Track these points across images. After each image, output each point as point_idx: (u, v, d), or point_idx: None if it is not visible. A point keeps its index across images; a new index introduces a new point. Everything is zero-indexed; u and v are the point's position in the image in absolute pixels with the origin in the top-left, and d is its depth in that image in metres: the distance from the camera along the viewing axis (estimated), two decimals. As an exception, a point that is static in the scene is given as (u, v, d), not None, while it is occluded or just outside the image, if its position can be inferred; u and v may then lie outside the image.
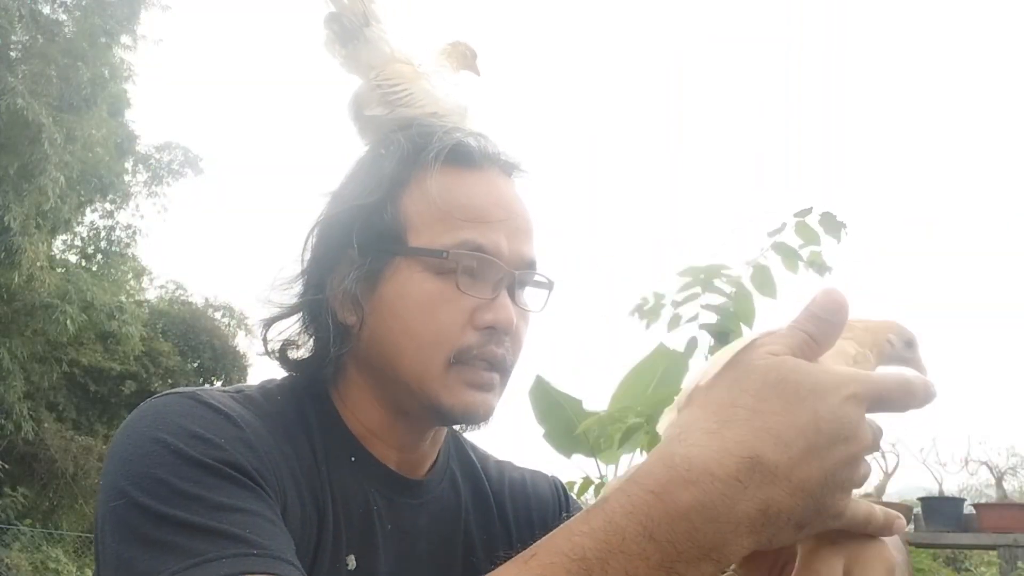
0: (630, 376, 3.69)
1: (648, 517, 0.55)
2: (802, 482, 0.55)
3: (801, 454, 0.55)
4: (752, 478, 0.55)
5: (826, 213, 2.12)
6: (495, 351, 0.86)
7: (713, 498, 0.54)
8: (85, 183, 12.30)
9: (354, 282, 0.87)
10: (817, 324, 0.61)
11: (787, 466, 0.55)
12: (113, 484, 0.72)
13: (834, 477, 0.56)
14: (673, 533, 0.54)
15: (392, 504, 0.89)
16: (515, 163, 0.95)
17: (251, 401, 0.84)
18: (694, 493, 0.55)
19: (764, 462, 0.55)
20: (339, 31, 0.97)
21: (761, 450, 0.55)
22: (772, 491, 0.55)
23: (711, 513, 0.54)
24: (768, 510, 0.55)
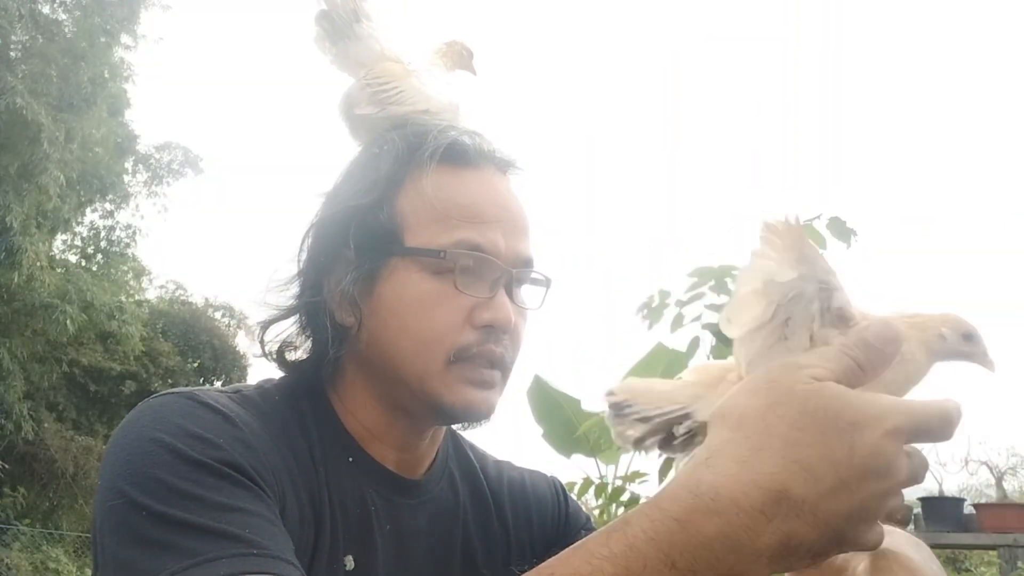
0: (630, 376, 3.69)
1: (670, 544, 0.54)
2: (828, 516, 0.54)
3: (830, 489, 0.54)
4: (778, 511, 0.54)
5: (834, 218, 2.12)
6: (494, 349, 0.86)
7: (737, 530, 0.54)
8: (85, 183, 12.31)
9: (351, 283, 0.87)
10: (867, 352, 0.59)
11: (814, 501, 0.54)
12: (111, 484, 0.72)
13: (861, 511, 0.55)
14: (695, 562, 0.54)
15: (390, 504, 0.89)
16: (510, 161, 0.94)
17: (249, 401, 0.84)
18: (718, 524, 0.54)
19: (791, 496, 0.54)
20: (329, 28, 0.97)
21: (790, 484, 0.54)
22: (796, 524, 0.54)
23: (734, 544, 0.54)
24: (790, 542, 0.54)
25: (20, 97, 9.83)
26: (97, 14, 11.43)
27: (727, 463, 0.56)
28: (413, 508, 0.91)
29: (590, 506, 2.66)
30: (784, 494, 0.54)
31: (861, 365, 0.59)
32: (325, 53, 0.99)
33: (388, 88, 0.94)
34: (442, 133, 0.91)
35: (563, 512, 1.04)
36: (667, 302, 2.29)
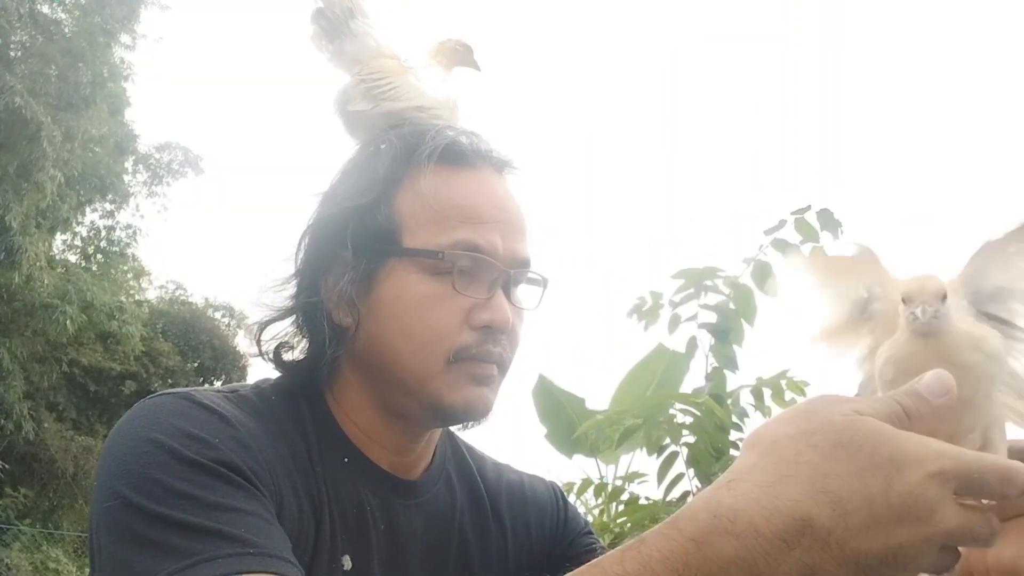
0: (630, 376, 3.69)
1: (685, 565, 0.52)
2: (858, 555, 0.51)
3: (861, 525, 0.51)
4: (800, 542, 0.51)
5: (823, 210, 2.12)
6: (492, 350, 0.86)
7: (755, 555, 0.51)
8: (85, 183, 12.31)
9: (349, 284, 0.87)
10: (917, 402, 0.56)
11: (842, 535, 0.51)
12: (108, 485, 0.72)
13: (899, 555, 0.51)
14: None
15: (386, 505, 0.89)
16: (507, 160, 0.94)
17: (245, 401, 0.84)
18: (735, 547, 0.52)
19: (815, 527, 0.51)
20: (325, 26, 0.97)
21: (815, 514, 0.51)
22: (820, 557, 0.51)
23: (751, 570, 0.52)
24: (814, 573, 0.51)
25: (19, 96, 9.83)
26: (97, 13, 11.43)
27: (750, 487, 0.53)
28: (409, 509, 0.91)
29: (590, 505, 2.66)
30: (808, 523, 0.51)
31: (908, 413, 0.55)
32: (322, 51, 0.99)
33: (382, 84, 0.94)
34: (440, 133, 0.90)
35: (561, 517, 1.04)
36: (660, 303, 2.29)
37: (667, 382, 3.56)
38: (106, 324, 12.33)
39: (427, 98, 0.96)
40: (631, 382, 3.67)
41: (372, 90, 0.94)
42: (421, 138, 0.90)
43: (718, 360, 2.25)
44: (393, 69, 0.96)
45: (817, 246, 2.12)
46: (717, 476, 1.91)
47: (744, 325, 2.21)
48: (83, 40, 11.23)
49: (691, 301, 2.22)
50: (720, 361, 2.24)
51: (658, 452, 2.14)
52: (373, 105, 0.94)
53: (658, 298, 2.29)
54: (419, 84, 0.96)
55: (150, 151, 14.75)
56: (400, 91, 0.94)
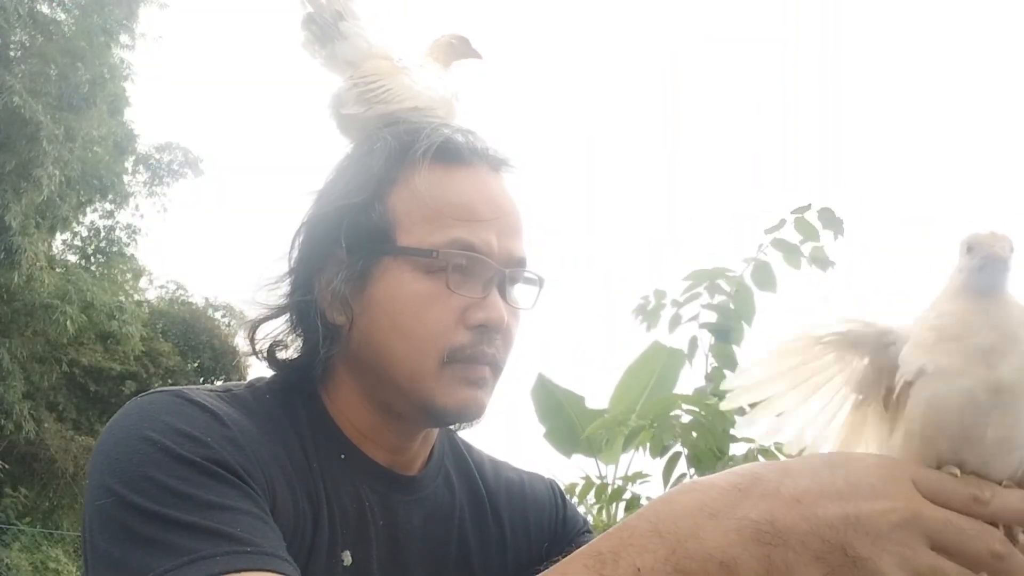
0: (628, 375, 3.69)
1: (655, 514, 0.60)
2: (815, 511, 0.57)
3: (811, 488, 0.58)
4: (753, 489, 0.58)
5: (824, 208, 2.12)
6: (486, 350, 0.86)
7: (714, 499, 0.59)
8: (85, 183, 12.31)
9: (343, 282, 0.86)
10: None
11: (792, 489, 0.58)
12: (101, 483, 0.72)
13: (861, 523, 0.57)
14: (677, 528, 0.58)
15: (385, 501, 0.88)
16: (504, 159, 0.93)
17: (239, 400, 0.83)
18: (696, 496, 0.60)
19: (764, 480, 0.59)
20: (316, 32, 0.96)
21: (763, 471, 0.60)
22: (775, 505, 0.58)
23: (711, 510, 0.58)
24: (775, 523, 0.57)
25: (18, 96, 9.84)
26: (96, 13, 11.43)
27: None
28: (408, 505, 0.90)
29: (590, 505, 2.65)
30: (757, 477, 0.60)
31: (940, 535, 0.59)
32: (315, 56, 0.98)
33: (375, 87, 0.93)
34: (435, 131, 0.90)
35: (560, 515, 1.04)
36: (663, 302, 2.28)
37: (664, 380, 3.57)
38: (106, 324, 12.34)
39: (422, 98, 0.95)
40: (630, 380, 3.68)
41: (364, 93, 0.93)
42: (416, 136, 0.89)
43: (718, 360, 2.25)
44: (386, 70, 0.95)
45: (817, 245, 2.12)
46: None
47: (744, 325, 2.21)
48: (83, 40, 11.23)
49: (694, 301, 2.22)
50: (720, 361, 2.24)
51: (662, 453, 2.13)
52: (366, 108, 0.93)
53: (661, 297, 2.29)
54: (413, 85, 0.95)
55: (150, 151, 14.76)
56: (393, 93, 0.93)
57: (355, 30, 0.96)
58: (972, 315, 0.58)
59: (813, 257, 2.12)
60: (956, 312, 0.59)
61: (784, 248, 2.15)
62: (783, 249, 2.15)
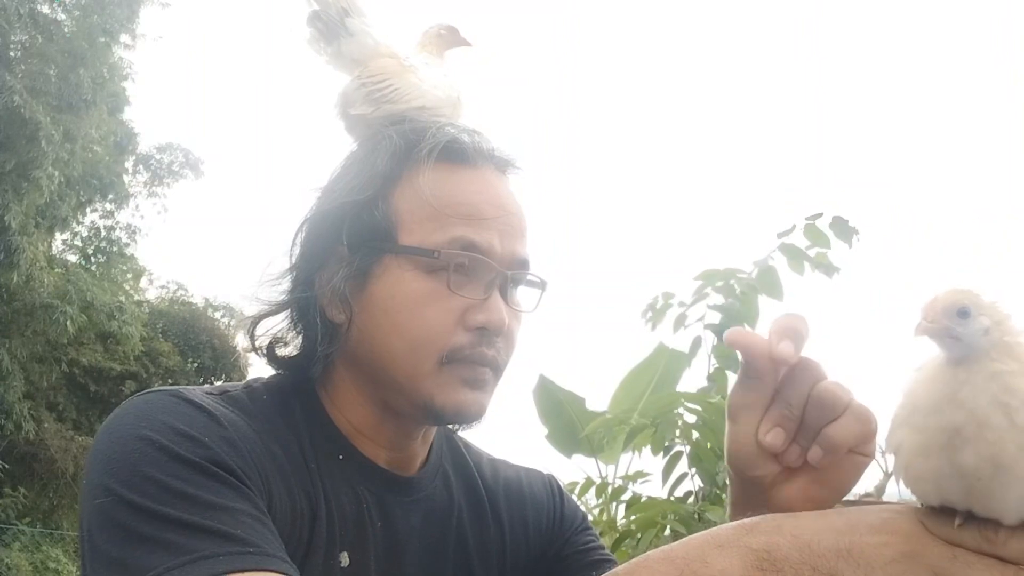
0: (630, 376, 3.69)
1: (668, 547, 0.62)
2: (810, 542, 0.60)
3: (811, 524, 0.61)
4: (757, 526, 0.62)
5: (837, 217, 2.11)
6: (486, 352, 0.85)
7: (721, 533, 0.62)
8: (85, 183, 12.30)
9: (344, 280, 0.86)
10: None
11: (793, 527, 0.61)
12: (98, 482, 0.71)
13: (852, 554, 0.59)
14: (687, 554, 0.61)
15: (383, 502, 0.88)
16: (509, 160, 0.93)
17: (236, 401, 0.83)
18: (705, 531, 0.63)
19: (768, 519, 0.62)
20: (322, 28, 0.96)
21: (765, 516, 0.63)
22: (776, 540, 0.60)
23: (718, 542, 0.61)
24: (772, 552, 0.60)
25: (18, 96, 9.83)
26: (96, 13, 11.42)
27: None
28: (406, 506, 0.90)
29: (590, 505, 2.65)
30: (762, 518, 0.63)
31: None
32: (320, 54, 0.97)
33: (383, 86, 0.93)
34: (440, 131, 0.89)
35: (558, 512, 1.03)
36: (671, 303, 2.29)
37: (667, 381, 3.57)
38: (106, 324, 12.32)
39: (428, 98, 0.95)
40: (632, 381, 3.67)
41: (372, 93, 0.93)
42: (421, 135, 0.89)
43: (720, 361, 2.25)
44: (393, 69, 0.95)
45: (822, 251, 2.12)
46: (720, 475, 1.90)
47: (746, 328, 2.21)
48: (83, 40, 11.22)
49: (702, 302, 2.22)
50: (722, 362, 2.24)
51: (663, 452, 2.13)
52: (374, 108, 0.93)
53: (669, 298, 2.29)
54: (420, 84, 0.95)
55: (151, 152, 14.75)
56: (401, 92, 0.93)
57: (361, 27, 0.96)
58: (939, 391, 0.56)
59: (818, 263, 2.13)
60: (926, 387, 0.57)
61: (790, 253, 2.16)
62: (788, 254, 2.16)
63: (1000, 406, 0.53)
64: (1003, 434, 0.53)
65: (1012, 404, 0.53)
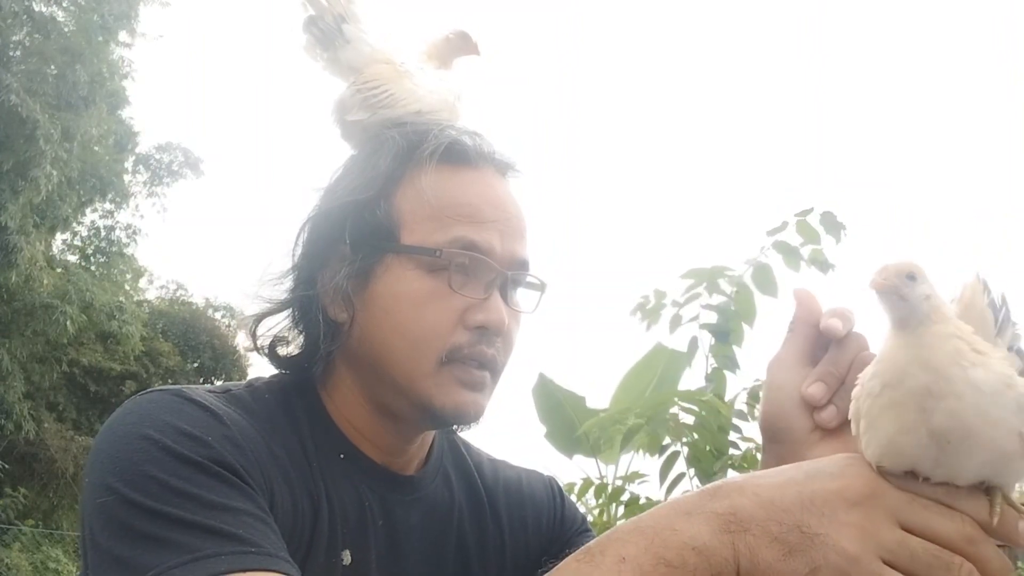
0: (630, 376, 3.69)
1: (638, 518, 0.66)
2: (772, 498, 0.62)
3: (773, 481, 0.63)
4: (719, 491, 0.64)
5: (826, 213, 2.12)
6: (485, 351, 0.86)
7: (687, 501, 0.65)
8: (84, 183, 12.29)
9: (345, 279, 0.86)
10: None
11: (754, 486, 0.63)
12: (101, 480, 0.72)
13: (815, 503, 0.61)
14: (656, 524, 0.63)
15: (383, 500, 0.89)
16: (510, 162, 0.94)
17: (238, 400, 0.83)
18: (671, 501, 0.66)
19: (729, 483, 0.65)
20: (318, 35, 0.96)
21: (728, 479, 0.66)
22: (739, 501, 0.63)
23: (685, 509, 0.64)
24: (737, 513, 0.62)
25: (15, 95, 9.82)
26: (95, 11, 11.42)
27: None
28: (407, 504, 0.91)
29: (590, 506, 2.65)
30: (724, 482, 0.66)
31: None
32: (317, 60, 0.98)
33: (378, 92, 0.93)
34: (443, 132, 0.90)
35: (558, 514, 1.04)
36: (663, 302, 2.29)
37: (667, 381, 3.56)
38: (106, 324, 12.33)
39: (424, 102, 0.95)
40: (631, 381, 3.67)
41: (368, 99, 0.93)
42: (424, 136, 0.89)
43: (718, 361, 2.25)
44: (389, 76, 0.95)
45: (817, 248, 2.13)
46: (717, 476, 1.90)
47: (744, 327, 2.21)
48: (81, 38, 11.21)
49: (695, 301, 2.22)
50: (720, 362, 2.24)
51: (659, 452, 2.13)
52: (370, 114, 0.93)
53: (661, 297, 2.29)
54: (416, 89, 0.95)
55: (150, 151, 14.75)
56: (396, 97, 0.93)
57: (358, 34, 0.96)
58: (902, 357, 0.58)
59: (812, 259, 2.13)
60: (888, 355, 0.60)
61: (784, 250, 2.16)
62: (783, 251, 2.16)
63: (956, 365, 0.57)
64: (964, 391, 0.56)
65: (963, 364, 0.57)
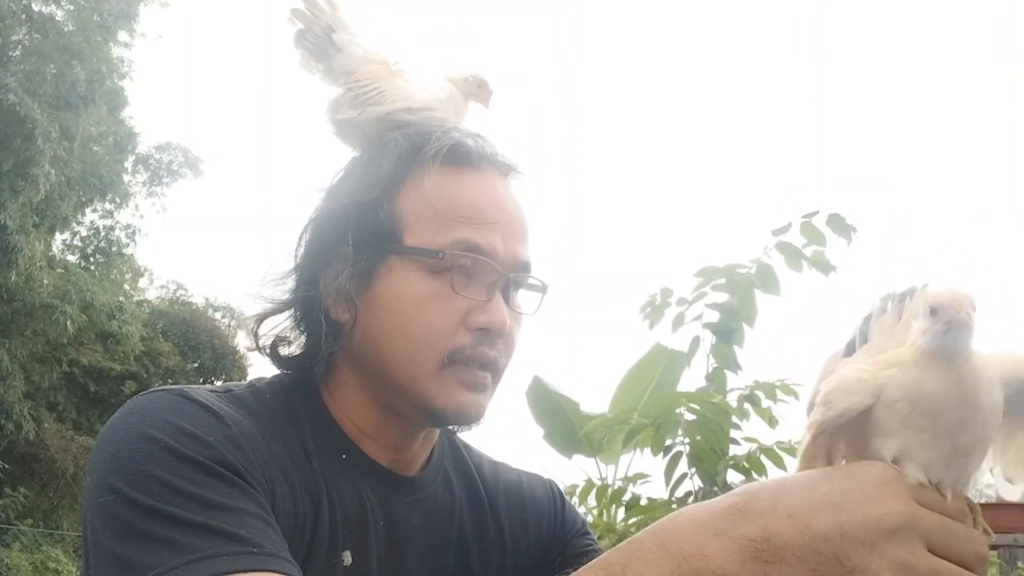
0: (629, 376, 3.70)
1: (662, 531, 0.63)
2: (809, 525, 0.59)
3: (807, 503, 0.60)
4: (750, 508, 0.61)
5: (834, 215, 2.12)
6: (487, 353, 0.86)
7: (716, 517, 0.61)
8: (84, 182, 12.29)
9: (348, 279, 0.87)
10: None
11: (788, 505, 0.60)
12: (103, 480, 0.72)
13: (857, 532, 0.58)
14: (683, 545, 0.61)
15: (385, 501, 0.89)
16: (512, 164, 0.94)
17: (239, 400, 0.84)
18: (699, 515, 0.63)
19: (760, 499, 0.61)
20: (311, 47, 0.96)
21: (758, 490, 0.62)
22: (772, 522, 0.60)
23: (715, 529, 0.61)
24: (771, 540, 0.59)
25: (13, 94, 9.82)
26: (94, 11, 11.42)
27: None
28: (408, 505, 0.91)
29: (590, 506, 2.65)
30: (753, 495, 0.62)
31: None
32: (313, 72, 0.98)
33: (368, 90, 0.93)
34: (446, 134, 0.90)
35: (559, 516, 1.04)
36: (669, 301, 2.29)
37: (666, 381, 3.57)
38: (106, 324, 12.33)
39: (414, 99, 0.95)
40: (631, 381, 3.68)
41: (359, 97, 0.93)
42: (427, 138, 0.90)
43: (719, 360, 2.25)
44: (379, 74, 0.95)
45: (819, 249, 2.13)
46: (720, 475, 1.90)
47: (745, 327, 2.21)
48: (80, 37, 11.21)
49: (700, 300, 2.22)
50: (721, 361, 2.24)
51: (663, 452, 2.14)
52: (360, 111, 0.93)
53: (668, 295, 2.29)
54: (407, 86, 0.95)
55: (150, 151, 14.74)
56: (386, 95, 0.94)
57: (348, 40, 0.96)
58: (943, 391, 0.59)
59: (814, 260, 2.13)
60: (927, 387, 0.60)
61: (786, 251, 2.16)
62: (785, 252, 2.16)
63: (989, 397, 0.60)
64: (989, 419, 0.60)
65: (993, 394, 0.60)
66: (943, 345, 0.58)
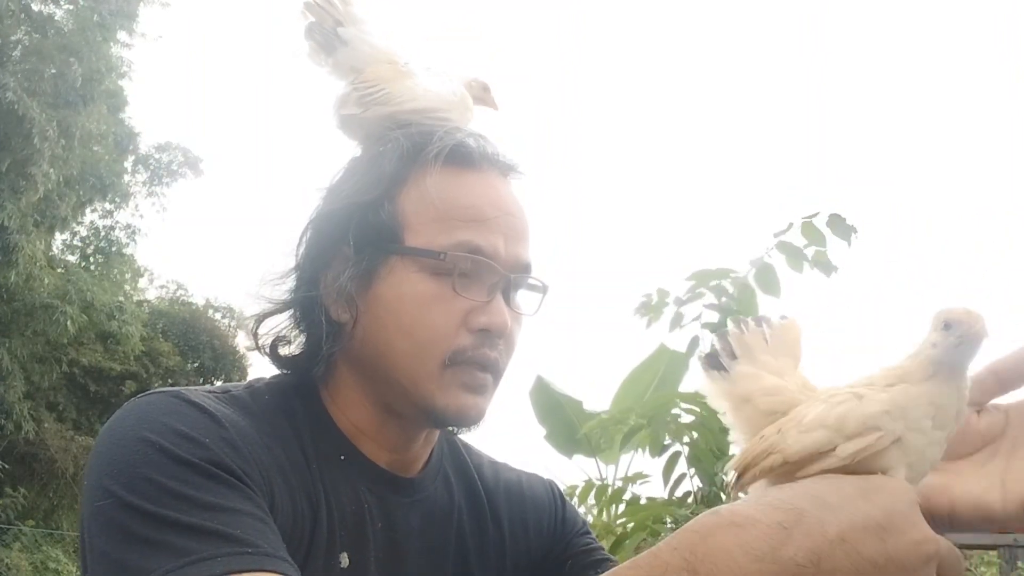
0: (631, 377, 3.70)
1: (691, 552, 0.55)
2: (858, 547, 0.55)
3: (853, 520, 0.56)
4: (797, 527, 0.55)
5: (834, 215, 2.12)
6: (488, 354, 0.86)
7: (757, 540, 0.55)
8: (84, 182, 12.30)
9: (349, 280, 0.86)
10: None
11: (836, 526, 0.55)
12: (99, 484, 0.72)
13: (899, 559, 0.57)
14: (715, 568, 0.54)
15: (383, 502, 0.89)
16: (513, 164, 0.94)
17: (237, 401, 0.83)
18: (737, 533, 0.55)
19: (808, 516, 0.56)
20: (321, 41, 0.97)
21: (806, 506, 0.56)
22: (820, 543, 0.55)
23: (756, 553, 0.54)
24: (820, 564, 0.54)
25: (12, 93, 9.82)
26: (93, 10, 11.42)
27: (741, 501, 0.59)
28: (406, 507, 0.90)
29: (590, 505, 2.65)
30: (800, 513, 0.56)
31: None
32: (321, 65, 0.98)
33: (374, 91, 0.93)
34: (448, 134, 0.90)
35: (559, 517, 1.04)
36: (666, 301, 2.29)
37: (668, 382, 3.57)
38: (106, 324, 12.35)
39: (421, 100, 0.95)
40: (633, 382, 3.68)
41: (364, 97, 0.93)
42: (429, 138, 0.89)
43: (718, 361, 2.24)
44: (387, 75, 0.95)
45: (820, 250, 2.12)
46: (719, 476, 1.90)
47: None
48: (79, 37, 11.21)
49: (697, 300, 2.22)
50: (721, 362, 2.23)
51: (661, 452, 2.14)
52: (363, 109, 0.93)
53: (664, 295, 2.29)
54: (415, 88, 0.95)
55: (150, 151, 14.75)
56: (391, 96, 0.94)
57: (356, 35, 0.96)
58: (952, 406, 0.61)
59: (816, 261, 2.13)
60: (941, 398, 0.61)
61: (787, 251, 2.16)
62: (786, 252, 2.16)
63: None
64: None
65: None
66: (953, 357, 0.60)
